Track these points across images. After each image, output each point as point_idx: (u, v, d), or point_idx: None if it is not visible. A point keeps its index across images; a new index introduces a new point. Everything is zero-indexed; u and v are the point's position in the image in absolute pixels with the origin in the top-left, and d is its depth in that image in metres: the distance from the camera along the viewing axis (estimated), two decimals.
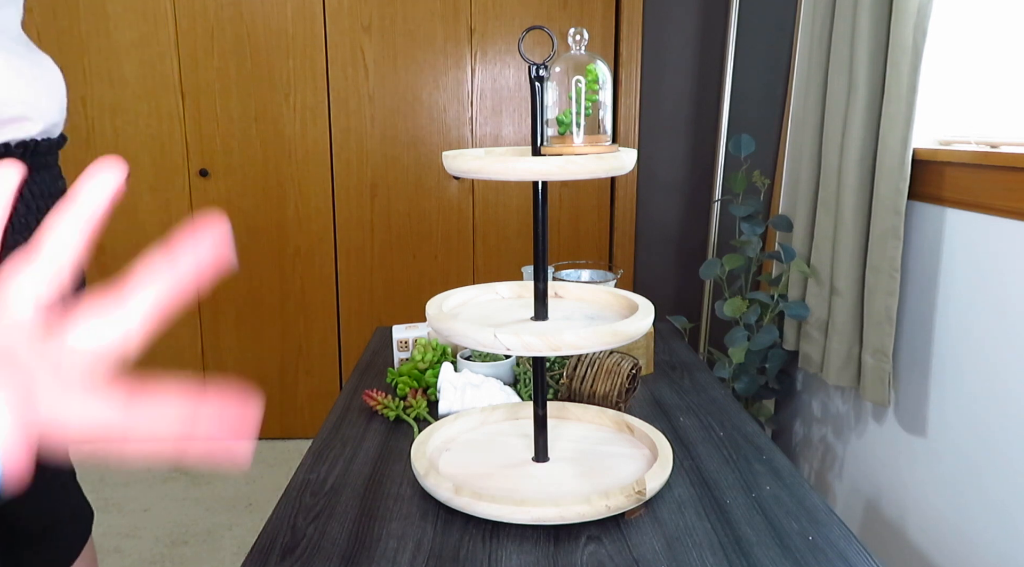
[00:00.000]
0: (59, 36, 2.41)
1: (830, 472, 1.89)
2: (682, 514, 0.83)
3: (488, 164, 0.76)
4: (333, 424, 1.09)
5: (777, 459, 0.97)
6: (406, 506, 0.85)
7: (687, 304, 2.57)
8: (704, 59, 2.42)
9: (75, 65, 2.41)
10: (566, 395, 1.12)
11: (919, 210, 1.52)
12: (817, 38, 1.73)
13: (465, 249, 2.63)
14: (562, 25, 2.46)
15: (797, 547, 0.77)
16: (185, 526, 2.17)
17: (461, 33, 2.49)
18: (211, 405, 0.30)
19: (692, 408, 1.14)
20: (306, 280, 2.63)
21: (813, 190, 1.78)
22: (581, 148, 0.80)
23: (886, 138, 1.47)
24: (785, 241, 1.94)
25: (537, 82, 0.79)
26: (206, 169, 2.52)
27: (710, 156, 2.46)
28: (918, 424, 1.52)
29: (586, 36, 0.81)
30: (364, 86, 2.51)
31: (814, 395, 1.98)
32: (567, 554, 0.76)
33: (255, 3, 2.44)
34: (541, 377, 0.88)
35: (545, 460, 0.91)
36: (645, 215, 2.55)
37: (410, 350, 1.29)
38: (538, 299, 0.86)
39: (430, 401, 1.15)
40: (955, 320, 1.41)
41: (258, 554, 0.76)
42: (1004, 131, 1.45)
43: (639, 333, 0.80)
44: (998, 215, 1.29)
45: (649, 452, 0.93)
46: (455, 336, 0.79)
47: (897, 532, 1.59)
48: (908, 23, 1.40)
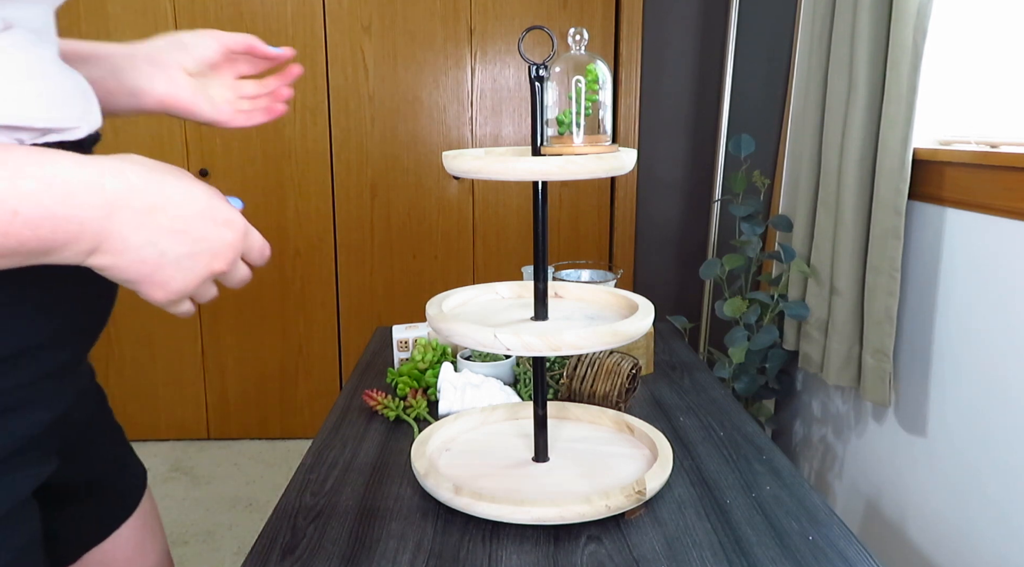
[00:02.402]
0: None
1: (830, 472, 1.89)
2: (682, 514, 0.83)
3: (488, 164, 0.76)
4: (333, 424, 1.09)
5: (777, 459, 0.97)
6: (406, 506, 0.85)
7: (687, 304, 2.57)
8: (704, 59, 2.42)
9: None
10: (566, 395, 1.12)
11: (919, 210, 1.52)
12: (817, 38, 1.72)
13: (465, 249, 2.63)
14: (562, 25, 2.46)
15: (797, 547, 0.77)
16: (185, 526, 2.17)
17: (461, 33, 2.49)
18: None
19: (692, 408, 1.14)
20: (306, 280, 2.63)
21: (813, 190, 1.78)
22: (581, 148, 0.80)
23: (886, 138, 1.47)
24: (785, 241, 1.94)
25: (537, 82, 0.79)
26: (206, 169, 2.52)
27: (710, 156, 2.46)
28: (918, 424, 1.52)
29: (586, 36, 0.81)
30: (364, 86, 2.51)
31: (814, 395, 1.98)
32: (567, 554, 0.76)
33: (255, 3, 2.44)
34: (541, 377, 0.88)
35: (545, 460, 0.91)
36: (645, 215, 2.55)
37: (410, 350, 1.29)
38: (538, 299, 0.86)
39: (430, 401, 1.15)
40: (955, 320, 1.41)
41: (258, 554, 0.76)
42: (1004, 131, 1.45)
43: (639, 333, 0.80)
44: (998, 215, 1.29)
45: (649, 452, 0.93)
46: (455, 336, 0.79)
47: (897, 532, 1.59)
48: (908, 23, 1.40)
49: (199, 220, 0.51)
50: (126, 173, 0.48)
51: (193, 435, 2.75)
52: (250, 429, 2.76)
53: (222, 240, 0.52)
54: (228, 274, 0.55)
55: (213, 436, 2.76)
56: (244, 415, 2.74)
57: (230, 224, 0.53)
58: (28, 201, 0.43)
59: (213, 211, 0.52)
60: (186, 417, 2.73)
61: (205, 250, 0.51)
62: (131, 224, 0.48)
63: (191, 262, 0.51)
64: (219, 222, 0.52)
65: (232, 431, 2.76)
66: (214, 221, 0.52)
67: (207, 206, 0.52)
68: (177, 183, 0.51)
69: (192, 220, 0.51)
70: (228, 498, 2.34)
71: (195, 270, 0.51)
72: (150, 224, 0.49)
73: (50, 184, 0.44)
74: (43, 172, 0.44)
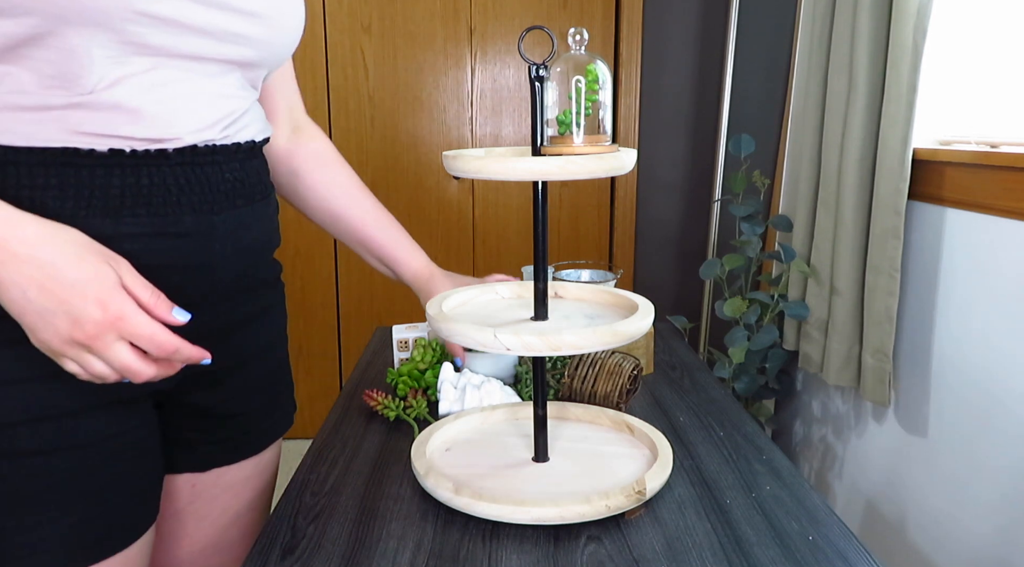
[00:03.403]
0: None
1: (830, 472, 1.89)
2: (682, 514, 0.83)
3: (488, 164, 0.76)
4: (333, 424, 1.09)
5: (777, 459, 0.97)
6: (406, 506, 0.85)
7: (687, 304, 2.57)
8: (704, 59, 2.42)
9: None
10: (567, 394, 1.12)
11: (919, 210, 1.52)
12: (817, 38, 1.72)
13: (465, 249, 2.63)
14: (562, 25, 2.46)
15: (797, 547, 0.77)
16: None
17: (461, 33, 2.49)
18: None
19: (692, 408, 1.14)
20: (306, 280, 2.63)
21: (813, 190, 1.78)
22: (581, 148, 0.80)
23: (886, 138, 1.47)
24: (785, 241, 1.94)
25: (537, 82, 0.79)
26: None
27: (710, 156, 2.46)
28: (918, 424, 1.52)
29: (586, 36, 0.81)
30: (364, 86, 2.51)
31: (814, 395, 1.98)
32: (567, 554, 0.76)
33: None
34: (541, 377, 0.88)
35: (545, 460, 0.91)
36: (645, 215, 2.55)
37: (410, 350, 1.29)
38: (538, 299, 0.86)
39: (430, 401, 1.15)
40: (955, 320, 1.41)
41: (258, 554, 0.76)
42: (1004, 131, 1.45)
43: (639, 333, 0.80)
44: (998, 215, 1.29)
45: (649, 452, 0.93)
46: (455, 336, 0.79)
47: (897, 532, 1.59)
48: (908, 23, 1.40)
49: (71, 287, 0.58)
50: (24, 225, 0.57)
51: None
52: None
53: (86, 313, 0.58)
54: (101, 352, 0.60)
55: None
56: None
57: (102, 304, 0.59)
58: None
59: (90, 287, 0.58)
60: None
61: (65, 313, 0.58)
62: (3, 262, 0.56)
63: (52, 318, 0.58)
64: (89, 298, 0.58)
65: None
66: (83, 296, 0.58)
67: (87, 280, 0.58)
68: (72, 253, 0.58)
69: (63, 284, 0.57)
70: None
71: (57, 328, 0.58)
72: (23, 270, 0.56)
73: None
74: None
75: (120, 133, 0.63)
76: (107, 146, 0.63)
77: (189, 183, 0.68)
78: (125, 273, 0.61)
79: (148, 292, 0.62)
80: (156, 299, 0.62)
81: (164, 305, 0.63)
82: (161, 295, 0.63)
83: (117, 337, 0.60)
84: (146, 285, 0.62)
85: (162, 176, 0.66)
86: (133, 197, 0.65)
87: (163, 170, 0.66)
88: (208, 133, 0.70)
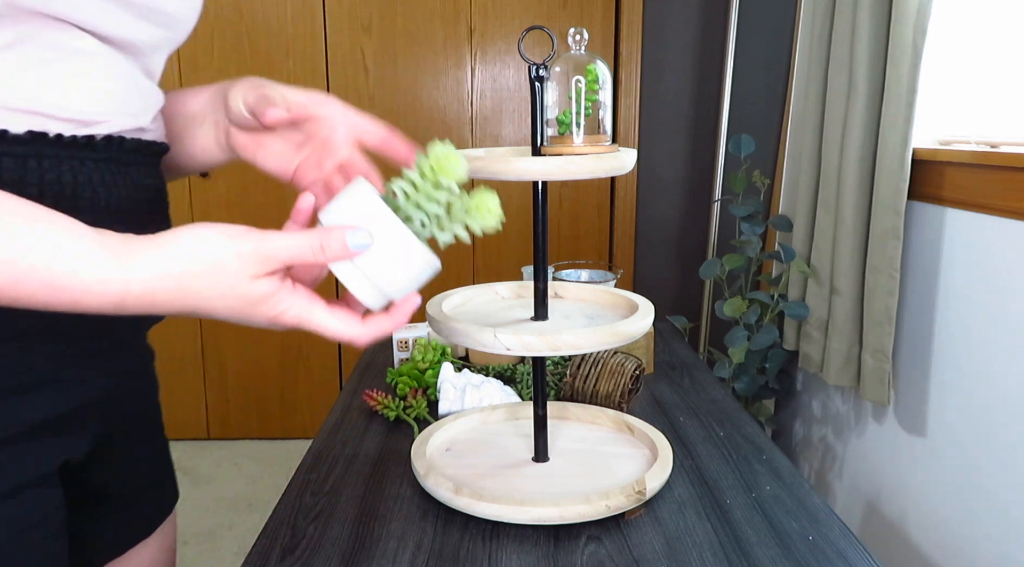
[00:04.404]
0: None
1: (830, 472, 1.89)
2: (682, 514, 0.83)
3: (488, 164, 0.76)
4: (333, 424, 1.09)
5: (777, 459, 0.97)
6: (406, 506, 0.85)
7: (687, 304, 2.57)
8: (704, 59, 2.42)
9: None
10: (569, 393, 1.12)
11: (919, 210, 1.52)
12: (817, 38, 1.72)
13: (465, 249, 2.63)
14: (562, 25, 2.46)
15: (797, 547, 0.77)
16: (185, 526, 2.17)
17: (461, 33, 2.49)
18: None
19: (692, 408, 1.14)
20: None
21: (813, 190, 1.78)
22: (581, 148, 0.80)
23: (886, 138, 1.47)
24: (785, 241, 1.94)
25: (537, 82, 0.79)
26: (206, 170, 2.52)
27: (710, 156, 2.45)
28: (918, 424, 1.52)
29: (586, 36, 0.81)
30: (364, 86, 2.51)
31: (814, 395, 1.98)
32: (567, 554, 0.76)
33: (255, 3, 2.44)
34: (541, 377, 0.88)
35: (545, 460, 0.91)
36: (645, 215, 2.55)
37: (410, 350, 1.29)
38: (538, 299, 0.86)
39: (430, 401, 1.15)
40: (955, 320, 1.41)
41: (258, 554, 0.76)
42: (1004, 131, 1.44)
43: (639, 333, 0.80)
44: (998, 215, 1.29)
45: (649, 452, 0.93)
46: (455, 336, 0.79)
47: (897, 532, 1.59)
48: (908, 23, 1.40)
49: (229, 313, 0.54)
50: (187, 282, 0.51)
51: (193, 435, 2.75)
52: (250, 429, 2.76)
53: (263, 316, 0.54)
54: (302, 288, 0.56)
55: (213, 436, 2.76)
56: (244, 415, 2.74)
57: (274, 322, 0.55)
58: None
59: (256, 312, 0.54)
60: (186, 417, 2.73)
61: (250, 320, 0.55)
62: (196, 311, 0.53)
63: (249, 320, 0.55)
64: (267, 318, 0.55)
65: (232, 431, 2.76)
66: (262, 317, 0.54)
67: (251, 313, 0.54)
68: (207, 295, 0.52)
69: (223, 312, 0.53)
70: (228, 498, 2.34)
71: (258, 322, 0.55)
72: (215, 310, 0.53)
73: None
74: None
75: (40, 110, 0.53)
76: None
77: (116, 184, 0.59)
78: (266, 259, 0.52)
79: (298, 249, 0.53)
80: (315, 249, 0.53)
81: (332, 247, 0.54)
82: (311, 234, 0.54)
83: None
84: (291, 245, 0.53)
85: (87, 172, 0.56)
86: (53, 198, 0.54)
87: (87, 164, 0.56)
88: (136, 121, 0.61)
